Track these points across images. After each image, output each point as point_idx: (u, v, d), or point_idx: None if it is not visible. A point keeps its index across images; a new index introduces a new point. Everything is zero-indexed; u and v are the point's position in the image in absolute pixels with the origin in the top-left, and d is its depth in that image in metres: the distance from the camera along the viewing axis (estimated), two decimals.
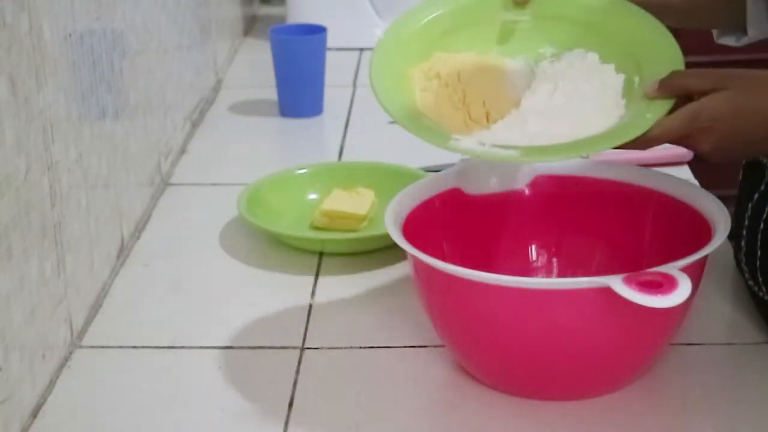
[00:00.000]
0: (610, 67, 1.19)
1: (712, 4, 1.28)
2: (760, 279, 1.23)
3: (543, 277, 1.27)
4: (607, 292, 1.02)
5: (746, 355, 1.20)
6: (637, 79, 1.17)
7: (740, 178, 1.30)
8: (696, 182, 1.48)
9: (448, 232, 1.24)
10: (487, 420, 1.10)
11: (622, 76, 1.18)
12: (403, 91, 1.17)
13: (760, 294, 1.23)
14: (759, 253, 1.23)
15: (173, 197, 1.58)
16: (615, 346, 1.09)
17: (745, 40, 1.27)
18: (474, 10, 1.25)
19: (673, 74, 1.13)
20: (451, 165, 1.26)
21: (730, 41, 1.28)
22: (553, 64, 1.21)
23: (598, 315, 1.06)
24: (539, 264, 1.29)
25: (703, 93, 1.09)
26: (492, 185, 1.25)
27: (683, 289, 1.01)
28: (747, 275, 1.25)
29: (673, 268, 1.04)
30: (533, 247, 1.29)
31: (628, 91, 1.17)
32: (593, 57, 1.20)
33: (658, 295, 1.00)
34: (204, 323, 1.28)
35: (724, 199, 1.17)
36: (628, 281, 1.01)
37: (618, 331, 1.08)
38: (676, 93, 1.12)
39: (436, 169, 1.37)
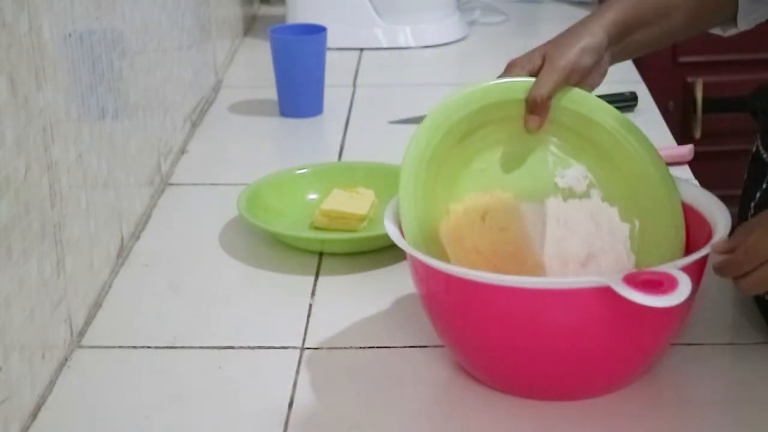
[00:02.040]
0: (614, 212, 1.20)
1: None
2: None
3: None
4: (607, 291, 1.02)
5: (746, 355, 1.20)
6: (637, 222, 1.19)
7: (744, 177, 1.30)
8: (696, 182, 1.47)
9: None
10: (487, 420, 1.10)
11: (627, 226, 1.20)
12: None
13: (761, 294, 1.23)
14: None
15: (173, 197, 1.58)
16: (615, 346, 1.09)
17: (732, 32, 1.29)
18: (494, 109, 1.21)
19: (738, 230, 1.10)
20: None
21: (716, 30, 1.30)
22: (564, 210, 1.21)
23: (598, 315, 1.06)
24: None
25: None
26: None
27: (683, 289, 1.01)
28: None
29: (673, 268, 1.04)
30: None
31: (631, 236, 1.20)
32: (607, 207, 1.21)
33: (659, 295, 1.00)
34: (204, 323, 1.28)
35: (724, 199, 1.17)
36: (628, 281, 1.01)
37: (618, 331, 1.07)
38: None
39: None
